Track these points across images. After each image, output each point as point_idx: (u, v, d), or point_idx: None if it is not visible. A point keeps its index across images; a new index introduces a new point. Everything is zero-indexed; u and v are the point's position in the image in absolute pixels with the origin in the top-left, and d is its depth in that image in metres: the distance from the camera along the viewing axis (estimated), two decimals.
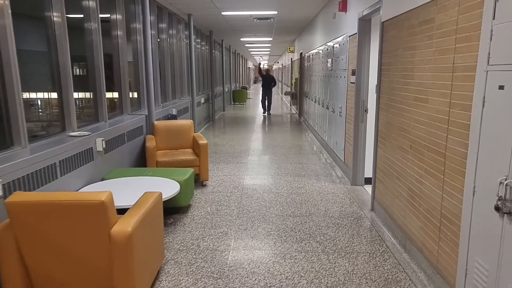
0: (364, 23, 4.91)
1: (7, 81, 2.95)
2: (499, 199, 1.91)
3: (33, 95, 3.73)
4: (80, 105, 4.70)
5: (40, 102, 3.95)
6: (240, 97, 19.02)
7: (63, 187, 3.24)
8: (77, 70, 4.51)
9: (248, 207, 4.33)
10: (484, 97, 2.11)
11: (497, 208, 1.92)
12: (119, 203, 3.05)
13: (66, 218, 2.15)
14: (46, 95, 3.95)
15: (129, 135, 4.84)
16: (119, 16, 5.26)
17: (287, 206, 4.37)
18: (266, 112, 14.20)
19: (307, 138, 9.01)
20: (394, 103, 3.61)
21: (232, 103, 19.01)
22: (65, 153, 3.30)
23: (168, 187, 3.60)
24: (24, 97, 3.12)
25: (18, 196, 2.16)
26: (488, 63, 2.08)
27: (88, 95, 4.57)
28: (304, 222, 3.89)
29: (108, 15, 5.18)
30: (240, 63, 26.41)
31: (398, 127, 3.51)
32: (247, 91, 22.67)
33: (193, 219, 3.95)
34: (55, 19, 3.66)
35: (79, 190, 3.47)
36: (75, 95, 4.05)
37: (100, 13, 4.55)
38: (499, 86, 1.97)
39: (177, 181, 3.84)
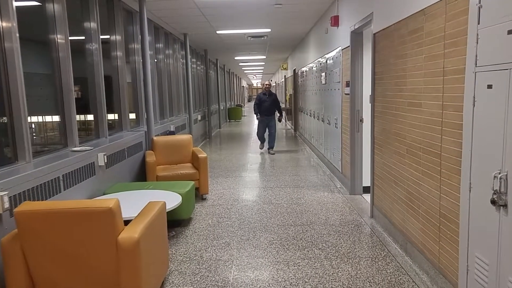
0: (356, 36, 5.07)
1: (14, 101, 3.04)
2: (494, 193, 1.98)
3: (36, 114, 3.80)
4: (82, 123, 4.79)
5: (43, 120, 4.03)
6: (236, 115, 19.19)
7: None
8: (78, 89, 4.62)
9: (249, 218, 4.36)
10: (474, 97, 2.21)
11: (493, 202, 1.99)
12: (127, 214, 3.08)
13: (74, 226, 2.19)
14: (48, 113, 4.03)
15: (129, 151, 4.89)
16: (118, 37, 5.39)
17: (288, 216, 4.41)
18: (267, 148, 8.93)
19: (303, 152, 9.09)
20: (389, 110, 3.72)
21: (228, 120, 19.16)
22: (68, 167, 3.34)
23: (170, 199, 3.64)
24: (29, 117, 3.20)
25: (27, 206, 2.20)
26: (476, 64, 2.19)
27: (88, 112, 4.65)
28: (306, 231, 3.92)
29: (108, 36, 5.32)
30: (235, 82, 26.76)
31: (394, 133, 3.60)
32: (242, 109, 22.89)
33: (194, 231, 3.98)
34: (59, 41, 3.77)
35: None
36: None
37: (101, 35, 4.68)
38: (488, 85, 2.07)
39: (178, 194, 3.88)
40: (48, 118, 4.12)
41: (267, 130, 8.88)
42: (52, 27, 3.72)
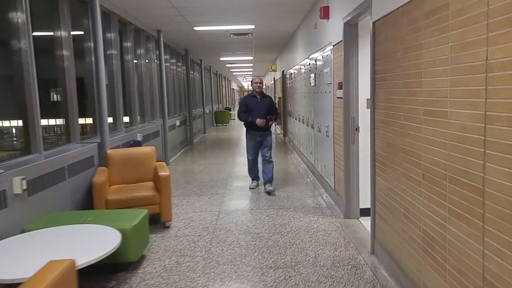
0: (350, 28, 4.20)
1: None
2: None
3: None
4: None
5: None
6: (223, 119, 18.27)
7: None
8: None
9: (217, 257, 3.43)
10: None
11: None
12: (14, 274, 2.15)
13: None
14: None
15: (71, 169, 3.94)
16: (64, 33, 4.45)
17: (268, 252, 3.49)
18: (263, 183, 5.62)
19: (292, 161, 8.20)
20: (395, 119, 2.84)
21: (215, 124, 18.21)
22: None
23: (105, 240, 2.71)
24: None
25: None
26: None
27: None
28: (289, 277, 3.01)
29: (52, 33, 4.39)
30: (223, 84, 25.83)
31: (402, 150, 2.72)
32: (231, 112, 21.96)
33: (143, 279, 3.03)
34: None
35: None
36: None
37: (42, 31, 3.73)
38: None
39: (121, 230, 2.94)
40: None
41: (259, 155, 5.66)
42: None
